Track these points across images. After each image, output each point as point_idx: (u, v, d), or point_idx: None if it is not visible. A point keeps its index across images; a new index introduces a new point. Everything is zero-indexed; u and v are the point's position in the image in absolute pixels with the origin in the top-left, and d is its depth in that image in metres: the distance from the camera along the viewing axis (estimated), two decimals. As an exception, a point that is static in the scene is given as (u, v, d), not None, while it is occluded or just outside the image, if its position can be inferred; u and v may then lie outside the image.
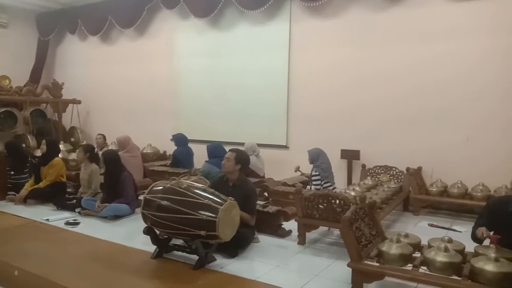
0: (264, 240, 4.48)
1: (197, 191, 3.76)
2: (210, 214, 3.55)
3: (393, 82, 6.39)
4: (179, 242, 4.09)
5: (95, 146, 7.30)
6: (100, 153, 6.59)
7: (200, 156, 6.84)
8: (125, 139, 6.62)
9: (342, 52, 6.83)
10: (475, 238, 3.30)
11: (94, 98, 10.10)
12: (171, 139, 7.40)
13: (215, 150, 6.02)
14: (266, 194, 5.97)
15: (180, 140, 7.23)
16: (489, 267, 2.75)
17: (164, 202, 3.73)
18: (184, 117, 8.62)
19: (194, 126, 8.32)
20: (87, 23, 9.63)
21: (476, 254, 3.08)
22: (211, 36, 8.21)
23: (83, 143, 7.93)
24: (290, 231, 4.72)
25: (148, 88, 9.16)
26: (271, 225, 4.68)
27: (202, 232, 3.55)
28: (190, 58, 8.50)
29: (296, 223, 4.49)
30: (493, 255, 2.82)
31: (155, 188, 3.93)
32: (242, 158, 4.32)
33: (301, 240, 4.42)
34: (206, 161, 5.88)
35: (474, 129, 5.82)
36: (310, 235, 4.59)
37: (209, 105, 8.25)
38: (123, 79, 9.57)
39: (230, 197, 3.74)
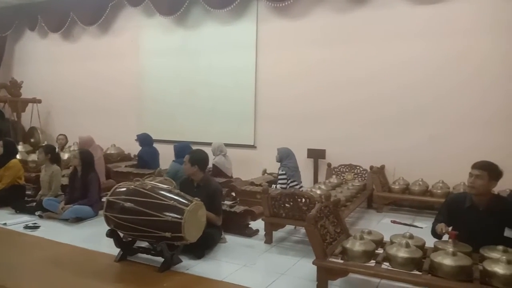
0: (231, 240, 4.47)
1: (162, 192, 3.70)
2: (175, 216, 3.50)
3: (358, 83, 6.54)
4: (144, 244, 4.02)
5: (56, 147, 7.06)
6: (62, 154, 6.40)
7: (166, 156, 6.74)
8: (88, 139, 6.43)
9: (308, 53, 6.92)
10: (435, 233, 3.42)
11: (56, 97, 9.77)
12: (135, 139, 7.25)
13: (183, 150, 5.91)
14: (233, 194, 5.96)
15: (145, 140, 7.10)
16: (447, 261, 2.84)
17: (128, 204, 3.65)
18: (149, 117, 8.48)
19: (160, 126, 8.20)
20: (47, 19, 9.30)
21: (435, 249, 3.19)
22: (177, 35, 8.11)
23: (43, 144, 7.64)
24: (257, 231, 4.73)
25: (112, 87, 8.94)
26: (238, 225, 4.68)
27: (167, 234, 3.49)
28: (156, 56, 8.38)
29: (263, 222, 4.51)
30: (451, 249, 2.93)
31: (118, 190, 3.84)
32: (196, 159, 4.27)
33: (268, 239, 4.44)
34: (173, 161, 5.80)
35: (434, 128, 6.04)
36: (277, 234, 4.62)
37: (176, 105, 8.15)
38: (86, 78, 9.31)
39: (196, 198, 3.70)
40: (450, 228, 3.33)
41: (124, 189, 3.83)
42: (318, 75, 6.85)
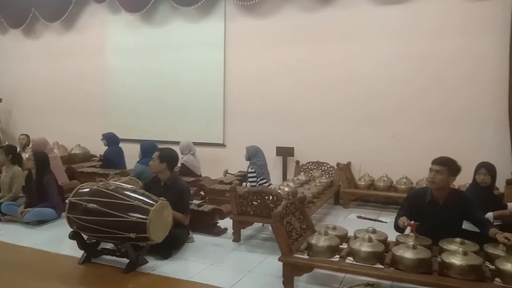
0: (199, 239, 4.45)
1: (126, 192, 3.64)
2: (140, 216, 3.45)
3: (325, 83, 6.63)
4: (109, 245, 3.94)
5: (18, 147, 6.81)
6: (23, 154, 6.17)
7: (133, 156, 6.62)
8: (42, 140, 6.17)
9: (277, 51, 6.95)
10: (397, 227, 3.50)
11: (17, 96, 9.42)
12: (101, 139, 7.09)
13: (149, 150, 5.83)
14: (202, 193, 5.94)
15: (111, 139, 6.95)
16: (408, 254, 2.93)
17: (91, 205, 3.57)
18: (115, 116, 8.31)
19: (127, 125, 8.05)
20: (7, 15, 8.94)
21: (397, 243, 3.28)
22: (144, 32, 7.98)
23: (4, 144, 7.35)
24: (225, 229, 4.72)
25: (76, 85, 8.70)
26: (206, 224, 4.65)
27: (132, 235, 3.44)
28: (122, 54, 8.21)
29: (231, 221, 4.51)
30: (411, 243, 3.02)
31: (81, 191, 3.75)
32: (166, 156, 4.22)
33: (236, 238, 4.44)
34: (138, 161, 5.70)
35: (398, 125, 6.20)
36: (245, 232, 4.63)
37: (143, 103, 8.02)
38: (49, 76, 9.01)
39: (161, 198, 3.65)
40: (412, 222, 3.42)
41: (87, 189, 3.74)
42: (287, 74, 6.90)
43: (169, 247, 3.92)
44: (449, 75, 5.93)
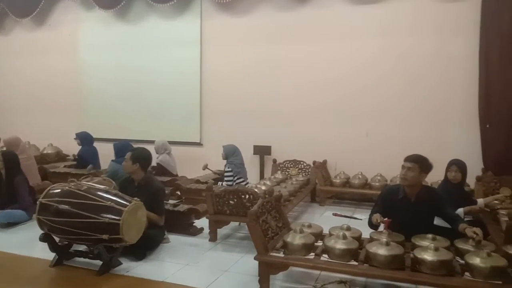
0: (175, 239, 4.39)
1: (99, 193, 3.56)
2: (113, 217, 3.38)
3: (301, 82, 6.67)
4: (82, 247, 3.86)
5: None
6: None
7: (109, 156, 6.50)
8: (15, 140, 5.97)
9: (253, 50, 6.95)
10: (371, 224, 3.56)
11: (-14, 94, 9.12)
12: (74, 138, 6.93)
13: (123, 149, 5.71)
14: (178, 192, 5.88)
15: (85, 139, 6.80)
16: (381, 251, 2.97)
17: (62, 206, 3.48)
18: (89, 115, 8.15)
19: (101, 124, 7.90)
20: (-27, 10, 8.63)
21: (371, 239, 3.32)
22: (118, 29, 7.85)
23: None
24: (201, 229, 4.69)
25: (48, 83, 8.49)
26: (182, 224, 4.61)
27: (105, 236, 3.37)
28: (96, 51, 8.05)
29: (208, 220, 4.48)
30: (384, 239, 3.07)
31: (52, 192, 3.65)
32: (138, 156, 4.15)
33: (213, 237, 4.41)
34: (112, 160, 5.60)
35: (372, 124, 6.30)
36: (222, 231, 4.61)
37: (117, 101, 7.89)
38: (20, 74, 8.76)
39: (135, 198, 3.60)
40: (385, 219, 3.47)
41: (58, 190, 3.65)
42: (264, 73, 6.90)
43: (144, 248, 3.86)
44: (422, 76, 6.06)
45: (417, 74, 6.08)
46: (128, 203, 3.48)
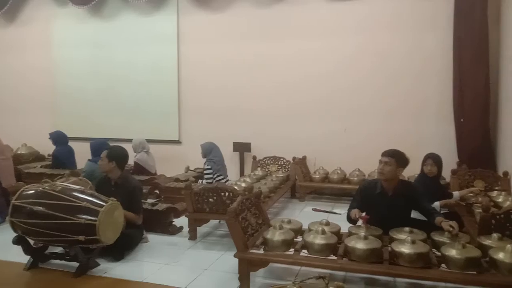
0: (154, 239, 4.34)
1: (74, 193, 3.48)
2: (89, 217, 3.31)
3: (279, 78, 6.69)
4: (58, 249, 3.77)
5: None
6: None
7: (85, 155, 6.37)
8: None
9: (230, 46, 6.92)
10: (350, 219, 3.59)
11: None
12: (49, 138, 6.76)
13: (100, 148, 5.59)
14: (157, 191, 5.81)
15: (59, 138, 6.62)
16: (360, 245, 3.00)
17: (36, 208, 3.39)
18: (64, 113, 7.97)
19: (77, 122, 7.75)
20: None
21: (349, 234, 3.35)
22: (93, 26, 7.70)
23: None
24: (181, 228, 4.65)
25: (21, 81, 8.27)
26: (161, 223, 4.55)
27: (81, 237, 3.30)
28: (70, 49, 7.88)
29: (187, 219, 4.44)
30: (362, 234, 3.10)
31: (25, 193, 3.55)
32: (114, 155, 4.08)
33: (192, 236, 4.38)
34: (89, 160, 5.49)
35: (350, 120, 6.37)
36: (202, 229, 4.58)
37: (93, 99, 7.75)
38: (-10, 72, 8.50)
39: (112, 198, 3.53)
40: (363, 214, 3.51)
41: (32, 191, 3.55)
42: (242, 69, 6.88)
43: (122, 248, 3.80)
44: (399, 72, 6.15)
45: (394, 71, 6.17)
46: (104, 203, 3.41)
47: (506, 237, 3.15)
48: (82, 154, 6.55)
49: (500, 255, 2.75)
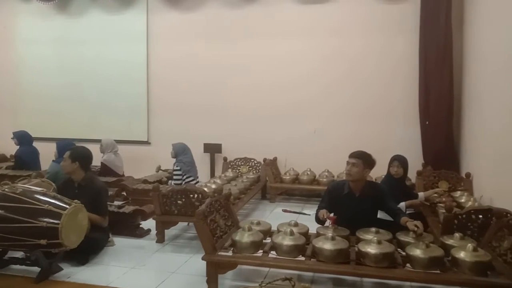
0: (120, 242, 4.23)
1: (35, 195, 3.35)
2: (51, 221, 3.19)
3: (250, 79, 6.70)
4: (19, 254, 3.62)
5: None
6: None
7: (49, 156, 6.17)
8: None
9: (202, 46, 6.90)
10: (318, 219, 3.61)
11: None
12: (12, 138, 6.51)
13: (65, 148, 5.44)
14: (124, 193, 5.68)
15: (23, 138, 6.38)
16: (327, 245, 3.01)
17: (-5, 211, 3.24)
18: (27, 113, 7.73)
19: (41, 122, 7.52)
20: None
21: (317, 234, 3.37)
22: (59, 23, 7.51)
23: None
24: (149, 230, 4.55)
25: (-18, 80, 7.93)
26: (128, 226, 4.45)
27: (43, 241, 3.17)
28: (35, 46, 7.65)
29: (155, 221, 4.36)
30: (330, 234, 3.12)
31: (-17, 195, 3.39)
32: (77, 155, 3.97)
33: (160, 238, 4.30)
34: (53, 161, 5.31)
35: (320, 122, 6.45)
36: (170, 232, 4.51)
37: (59, 99, 7.53)
38: None
39: (75, 200, 3.42)
40: (331, 214, 3.54)
41: (-10, 194, 3.39)
42: (212, 69, 6.86)
43: (87, 252, 3.68)
44: (368, 75, 6.29)
45: (364, 74, 6.29)
46: (67, 206, 3.30)
47: (468, 237, 3.26)
48: (46, 155, 6.32)
49: (461, 254, 2.82)
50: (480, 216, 3.46)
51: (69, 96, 7.48)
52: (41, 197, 3.35)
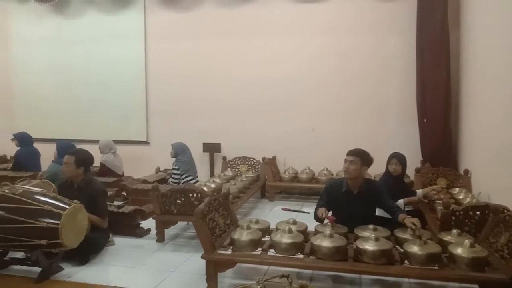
0: (120, 242, 4.26)
1: (35, 196, 3.37)
2: (52, 221, 3.21)
3: (248, 77, 6.75)
4: (20, 254, 3.64)
5: None
6: None
7: (45, 156, 6.20)
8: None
9: (199, 45, 6.92)
10: (317, 218, 3.63)
11: None
12: (12, 139, 6.52)
13: (65, 149, 5.47)
14: (124, 193, 5.70)
15: (24, 139, 6.39)
16: (325, 243, 3.04)
17: (-5, 212, 3.26)
18: (24, 114, 7.76)
19: (39, 123, 7.53)
20: None
21: (316, 232, 3.39)
22: (55, 23, 7.54)
23: None
24: (148, 230, 4.58)
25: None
26: (128, 226, 4.47)
27: (43, 242, 3.19)
28: (30, 46, 7.68)
29: (154, 221, 4.38)
30: (328, 232, 3.14)
31: (-17, 197, 3.41)
32: (83, 160, 3.97)
33: (160, 238, 4.32)
34: (52, 161, 5.33)
35: (318, 119, 6.48)
36: (170, 231, 4.53)
37: (56, 100, 7.57)
38: None
39: (75, 201, 3.44)
40: (330, 213, 3.57)
41: (-10, 195, 3.41)
42: (211, 68, 6.89)
43: (87, 252, 3.71)
44: (365, 73, 6.31)
45: (360, 72, 6.31)
46: (67, 206, 3.32)
47: (465, 233, 3.28)
48: (44, 156, 6.36)
49: (459, 250, 2.84)
50: (477, 213, 3.47)
51: (67, 96, 7.50)
52: (41, 198, 3.37)
